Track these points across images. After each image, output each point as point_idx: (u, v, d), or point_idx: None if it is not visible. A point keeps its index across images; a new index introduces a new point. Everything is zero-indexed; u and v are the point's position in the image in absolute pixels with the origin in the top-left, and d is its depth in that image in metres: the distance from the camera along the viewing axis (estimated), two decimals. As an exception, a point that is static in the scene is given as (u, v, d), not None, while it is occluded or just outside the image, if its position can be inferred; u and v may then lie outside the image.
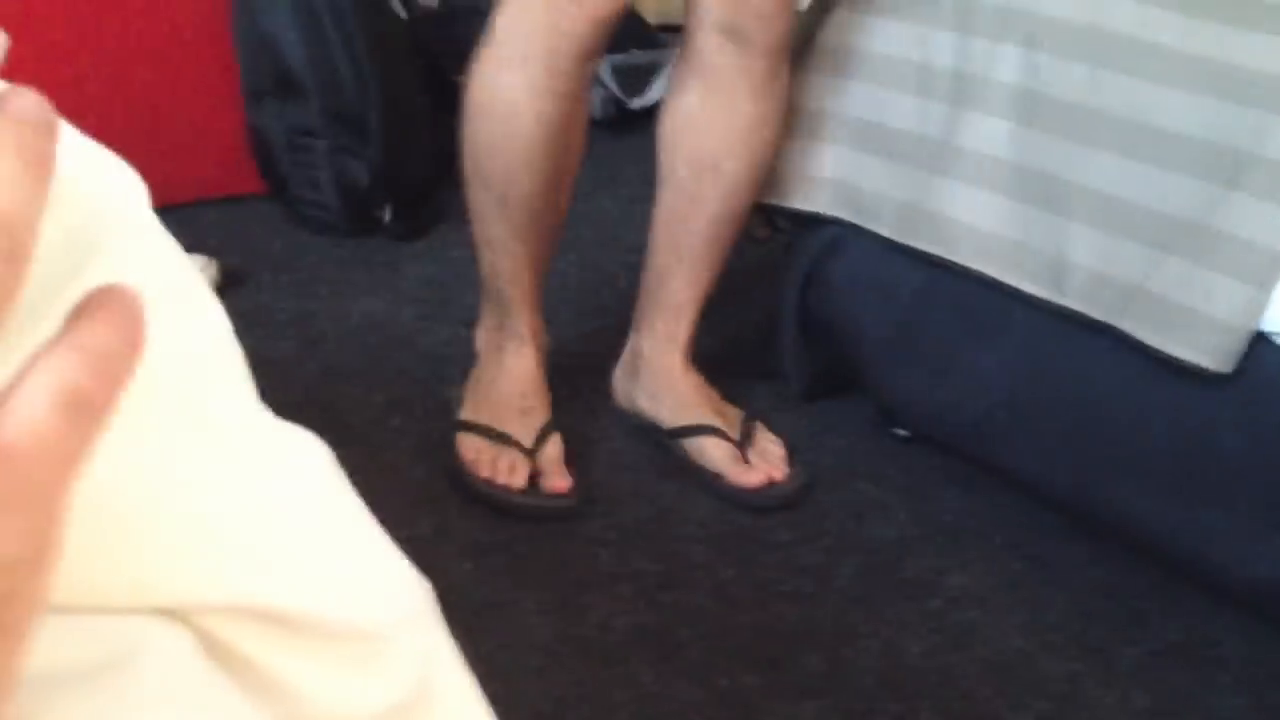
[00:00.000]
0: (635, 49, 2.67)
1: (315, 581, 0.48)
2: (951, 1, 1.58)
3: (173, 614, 0.43)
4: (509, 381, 1.64)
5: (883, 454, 1.72)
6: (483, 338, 1.69)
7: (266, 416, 0.49)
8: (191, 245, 2.00)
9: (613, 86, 2.62)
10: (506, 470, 1.58)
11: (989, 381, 1.56)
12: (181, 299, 0.46)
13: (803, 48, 1.71)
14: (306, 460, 0.50)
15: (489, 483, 1.58)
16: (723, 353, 1.84)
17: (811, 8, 1.76)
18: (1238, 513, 1.39)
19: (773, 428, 1.70)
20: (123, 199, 0.43)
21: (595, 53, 1.51)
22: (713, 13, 1.51)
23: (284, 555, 0.48)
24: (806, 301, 1.74)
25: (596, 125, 2.58)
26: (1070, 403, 1.50)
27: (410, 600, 0.53)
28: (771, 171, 1.68)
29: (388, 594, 0.52)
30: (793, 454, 1.67)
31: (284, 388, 1.76)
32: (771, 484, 1.62)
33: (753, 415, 1.71)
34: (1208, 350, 1.37)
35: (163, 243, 0.47)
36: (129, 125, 2.12)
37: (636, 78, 2.59)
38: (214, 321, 0.47)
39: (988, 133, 1.55)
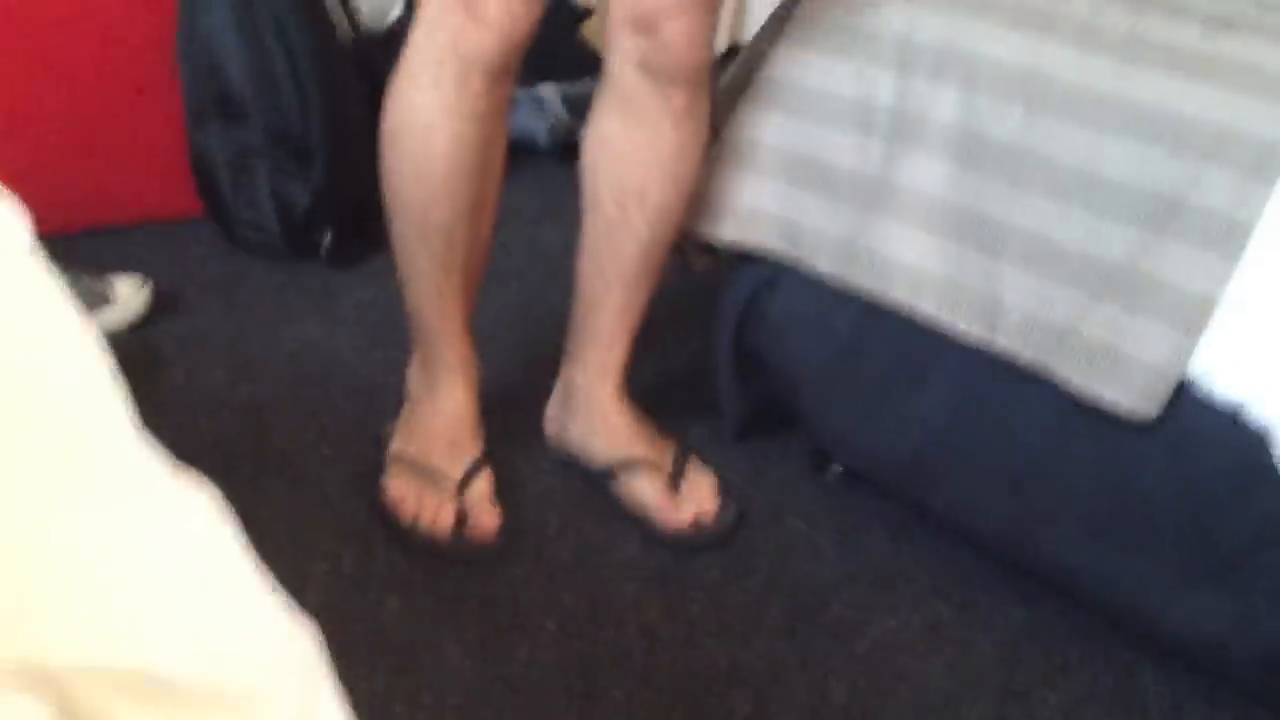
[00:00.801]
0: (587, 77, 2.67)
1: (185, 642, 0.46)
2: (891, 39, 1.58)
3: (30, 678, 0.41)
4: (439, 416, 1.63)
5: (816, 493, 1.71)
6: (413, 372, 1.67)
7: (145, 461, 0.47)
8: (126, 266, 1.98)
9: (562, 114, 2.61)
10: (433, 511, 1.56)
11: (921, 422, 1.56)
12: (52, 338, 0.44)
13: (744, 81, 1.71)
14: (185, 511, 0.48)
15: (415, 524, 1.56)
16: (658, 385, 1.83)
17: (753, 42, 1.76)
18: (1163, 562, 1.39)
19: (706, 463, 1.69)
20: None
21: (507, 74, 1.49)
22: (630, 48, 1.50)
23: (151, 614, 0.46)
24: (742, 336, 1.73)
25: (543, 154, 2.57)
26: (1000, 446, 1.50)
27: (289, 657, 0.51)
28: (708, 204, 1.67)
29: (264, 653, 0.50)
30: (724, 487, 1.66)
31: (214, 415, 1.75)
32: (701, 524, 1.61)
33: (687, 448, 1.70)
34: (1133, 394, 1.38)
35: (38, 278, 0.45)
36: (69, 145, 2.10)
37: (586, 106, 2.58)
38: (89, 361, 0.45)
39: (925, 172, 1.55)
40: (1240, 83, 1.39)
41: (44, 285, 0.45)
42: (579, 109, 2.62)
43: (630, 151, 1.57)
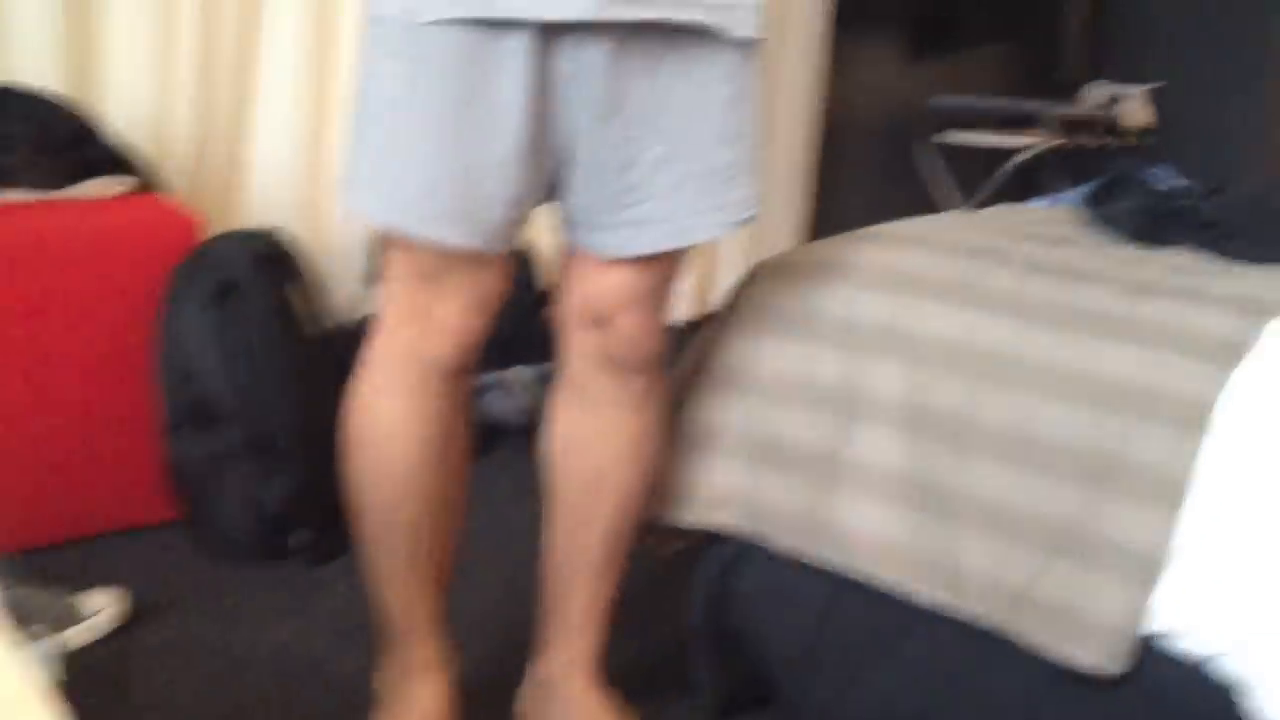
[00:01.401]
0: (554, 359, 2.73)
1: None
2: (834, 320, 1.65)
3: None
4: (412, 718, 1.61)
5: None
6: (384, 674, 1.66)
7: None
8: (102, 575, 1.99)
9: (532, 396, 2.67)
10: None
11: (896, 695, 1.56)
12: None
13: (698, 365, 1.77)
14: None
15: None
16: (634, 667, 1.83)
17: (704, 329, 1.83)
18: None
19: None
20: None
21: (466, 372, 1.51)
22: (584, 341, 1.54)
23: None
24: (715, 614, 1.74)
25: (512, 434, 2.62)
26: (975, 714, 1.50)
27: None
28: (670, 488, 1.70)
29: None
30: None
31: (189, 728, 1.73)
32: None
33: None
34: (1095, 651, 1.39)
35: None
36: (42, 460, 2.14)
37: (554, 386, 2.65)
38: None
39: (876, 444, 1.59)
40: (1161, 343, 1.46)
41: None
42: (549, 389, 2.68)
43: (590, 440, 1.59)
